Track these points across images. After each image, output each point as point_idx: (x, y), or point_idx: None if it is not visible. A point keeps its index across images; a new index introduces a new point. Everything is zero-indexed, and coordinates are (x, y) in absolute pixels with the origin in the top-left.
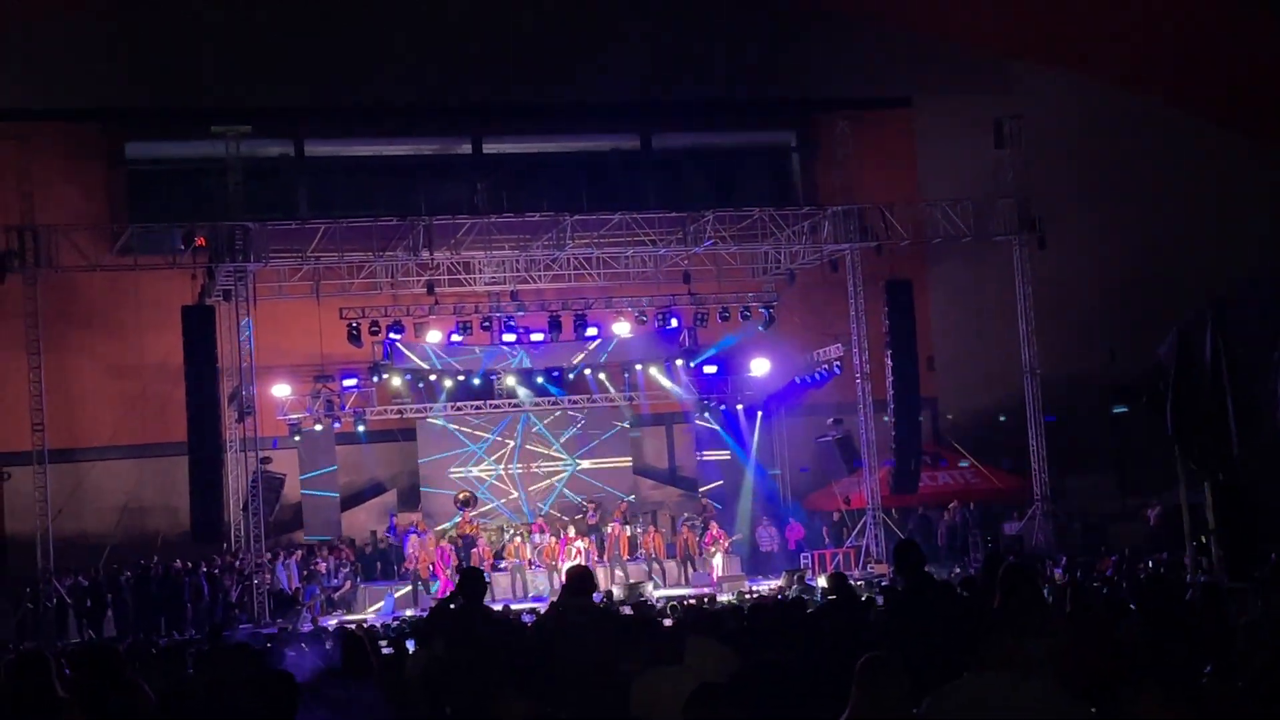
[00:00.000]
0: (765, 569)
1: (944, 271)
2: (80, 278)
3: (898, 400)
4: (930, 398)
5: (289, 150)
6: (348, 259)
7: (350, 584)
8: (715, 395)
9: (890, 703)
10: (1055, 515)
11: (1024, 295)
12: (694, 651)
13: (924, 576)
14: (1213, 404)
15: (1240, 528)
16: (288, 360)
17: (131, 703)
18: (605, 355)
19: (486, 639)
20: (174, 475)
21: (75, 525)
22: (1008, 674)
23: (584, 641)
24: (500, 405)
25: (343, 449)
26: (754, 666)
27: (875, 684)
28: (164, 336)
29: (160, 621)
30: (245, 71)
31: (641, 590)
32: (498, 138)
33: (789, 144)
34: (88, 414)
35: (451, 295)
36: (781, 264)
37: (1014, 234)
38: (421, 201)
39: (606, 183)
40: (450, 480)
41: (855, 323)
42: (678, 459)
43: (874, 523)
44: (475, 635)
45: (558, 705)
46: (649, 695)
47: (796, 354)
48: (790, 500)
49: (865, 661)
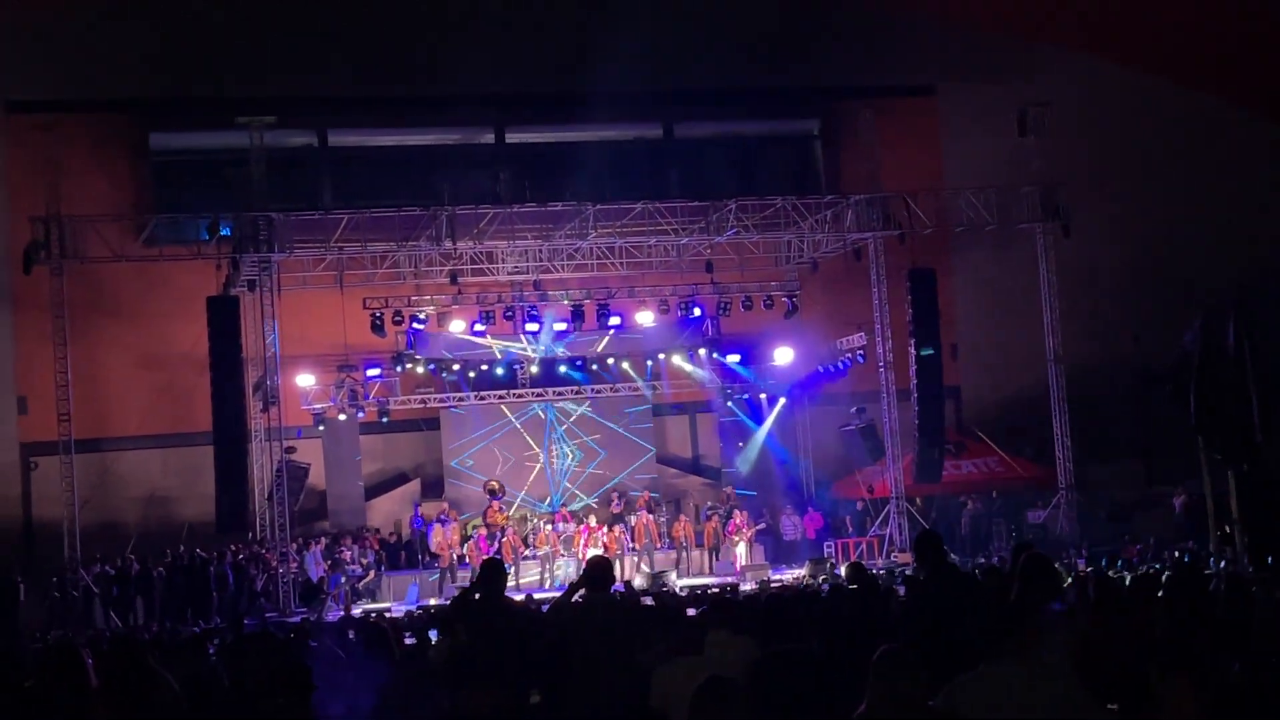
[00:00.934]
0: (789, 558)
1: (967, 259)
2: (106, 268)
3: (921, 389)
4: (953, 386)
5: (313, 141)
6: (371, 249)
7: (374, 573)
8: (738, 384)
9: (907, 695)
10: (1080, 504)
11: (1047, 283)
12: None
13: (944, 566)
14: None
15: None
16: (312, 350)
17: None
18: (628, 344)
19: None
20: (199, 465)
21: (102, 514)
22: (1025, 665)
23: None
24: (523, 394)
25: (366, 438)
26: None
27: (892, 676)
28: (189, 327)
29: (186, 611)
30: (270, 62)
31: (664, 579)
32: (520, 127)
33: (812, 132)
34: (114, 404)
35: (474, 285)
36: (804, 252)
37: (1038, 222)
38: (444, 191)
39: (629, 172)
40: (474, 470)
41: (878, 311)
42: (701, 448)
43: (897, 511)
44: (497, 625)
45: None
46: (668, 687)
47: (819, 343)
48: (813, 489)
49: (882, 653)
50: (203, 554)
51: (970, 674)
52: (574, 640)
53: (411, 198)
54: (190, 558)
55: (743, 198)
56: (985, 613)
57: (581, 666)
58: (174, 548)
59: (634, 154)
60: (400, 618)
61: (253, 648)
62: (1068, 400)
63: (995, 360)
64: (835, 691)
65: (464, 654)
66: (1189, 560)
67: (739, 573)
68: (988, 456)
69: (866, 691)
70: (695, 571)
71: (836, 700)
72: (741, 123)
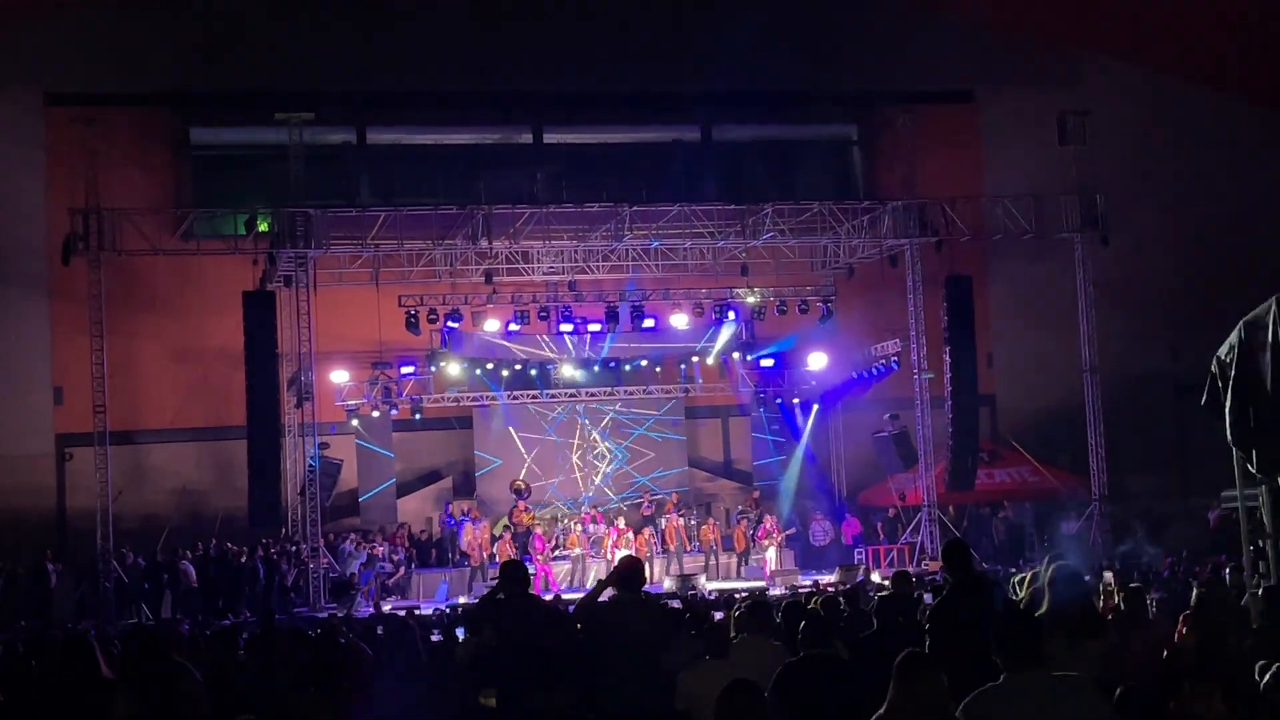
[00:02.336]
0: (819, 563)
1: (1005, 268)
2: (144, 261)
3: (955, 397)
4: (988, 394)
5: (351, 138)
6: (407, 247)
7: (404, 570)
8: (772, 389)
9: (928, 700)
10: (1114, 515)
11: (1085, 292)
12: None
13: (971, 575)
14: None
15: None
16: (346, 346)
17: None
18: (662, 346)
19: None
20: (233, 459)
21: (135, 507)
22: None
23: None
24: (557, 395)
25: (399, 436)
26: (799, 661)
27: (913, 680)
28: (225, 321)
29: (217, 603)
30: (310, 58)
31: (693, 583)
32: (558, 127)
33: (850, 137)
34: (149, 397)
35: (509, 284)
36: (840, 258)
37: (1076, 231)
38: (481, 190)
39: (666, 174)
40: (505, 469)
41: (913, 318)
42: (733, 452)
43: (929, 519)
44: (523, 624)
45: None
46: (694, 689)
47: (854, 349)
48: (845, 495)
49: (904, 658)
50: (234, 548)
51: (996, 684)
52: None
53: (448, 196)
54: (222, 551)
55: (780, 202)
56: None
57: (608, 667)
58: (206, 541)
59: (671, 156)
60: (429, 615)
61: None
62: (1103, 411)
63: (1031, 369)
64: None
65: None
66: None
67: (769, 577)
68: (1021, 466)
69: (888, 694)
70: (724, 575)
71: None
72: (780, 126)
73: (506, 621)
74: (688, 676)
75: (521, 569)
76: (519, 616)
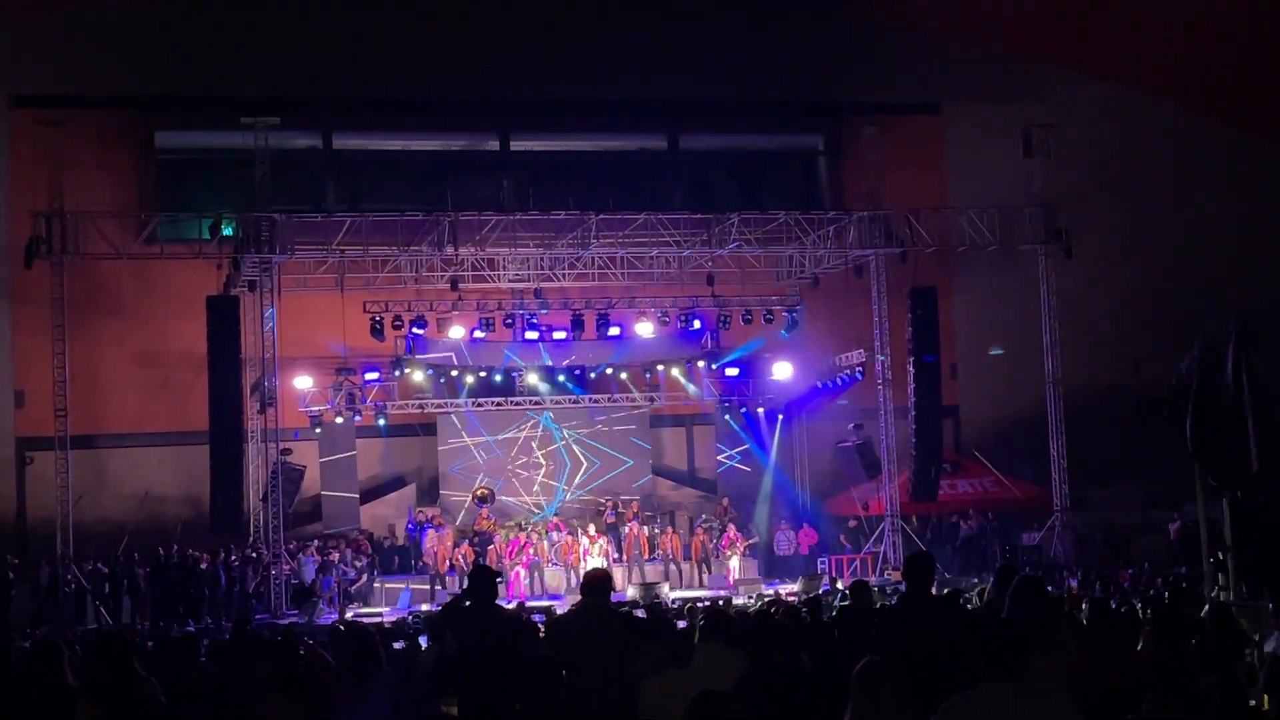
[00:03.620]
0: (782, 573)
1: (969, 279)
2: (107, 265)
3: (919, 407)
4: (952, 406)
5: (317, 143)
6: (373, 253)
7: (366, 578)
8: (736, 398)
9: (889, 708)
10: (1076, 526)
11: (1048, 305)
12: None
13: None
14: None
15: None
16: (310, 352)
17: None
18: (627, 355)
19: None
20: (195, 464)
21: (96, 511)
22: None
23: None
24: (521, 402)
25: (363, 442)
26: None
27: (874, 688)
28: (188, 326)
29: (177, 610)
30: (276, 63)
31: (657, 592)
32: (525, 135)
33: (816, 148)
34: (111, 401)
35: (475, 291)
36: (806, 268)
37: (1040, 243)
38: (447, 197)
39: (632, 183)
40: (469, 476)
41: (878, 328)
42: (697, 461)
43: (892, 530)
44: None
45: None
46: (657, 698)
47: (818, 358)
48: (808, 504)
49: (864, 666)
50: (195, 554)
51: (964, 694)
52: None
53: (414, 202)
54: (182, 557)
55: (745, 211)
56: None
57: (571, 675)
58: (167, 546)
59: (638, 165)
60: (391, 623)
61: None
62: (1066, 423)
63: (994, 381)
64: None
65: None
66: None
67: (732, 586)
68: (984, 477)
69: (849, 704)
70: (687, 584)
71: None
72: (746, 136)
73: (468, 629)
74: (650, 685)
75: (490, 575)
76: (481, 625)
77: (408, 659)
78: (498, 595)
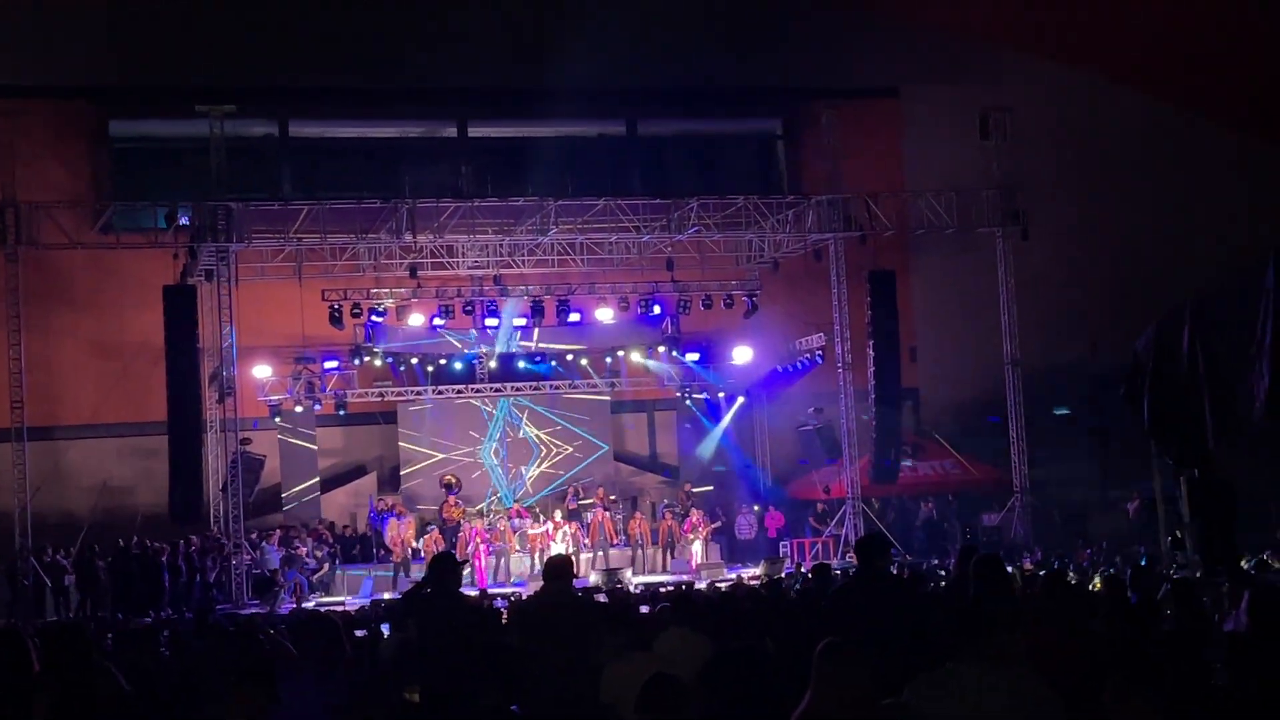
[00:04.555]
0: (745, 557)
1: (927, 262)
2: (63, 255)
3: (879, 390)
4: (911, 388)
5: (273, 130)
6: (331, 240)
7: (328, 567)
8: (697, 382)
9: (851, 687)
10: (1035, 507)
11: (1006, 286)
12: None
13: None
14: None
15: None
16: (269, 341)
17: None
18: (587, 341)
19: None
20: (154, 455)
21: (54, 503)
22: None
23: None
24: (482, 389)
25: (323, 431)
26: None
27: (834, 668)
28: (145, 316)
29: (138, 601)
30: (231, 51)
31: (619, 577)
32: (483, 121)
33: (775, 132)
34: (68, 392)
35: (434, 279)
36: (765, 252)
37: (997, 225)
38: (405, 184)
39: (591, 168)
40: (431, 464)
41: (838, 312)
42: (659, 446)
43: (853, 512)
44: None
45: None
46: (619, 682)
47: (779, 343)
48: (770, 488)
49: (824, 647)
50: (156, 544)
51: (931, 673)
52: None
53: (372, 190)
54: (142, 548)
55: (704, 196)
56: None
57: (532, 662)
58: (127, 538)
59: (597, 150)
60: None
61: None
62: (1024, 404)
63: (953, 363)
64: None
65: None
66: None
67: (694, 571)
68: (944, 459)
69: (810, 686)
70: (650, 569)
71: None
72: (705, 121)
73: (430, 617)
74: (612, 670)
75: (452, 562)
76: (442, 613)
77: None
78: (459, 582)
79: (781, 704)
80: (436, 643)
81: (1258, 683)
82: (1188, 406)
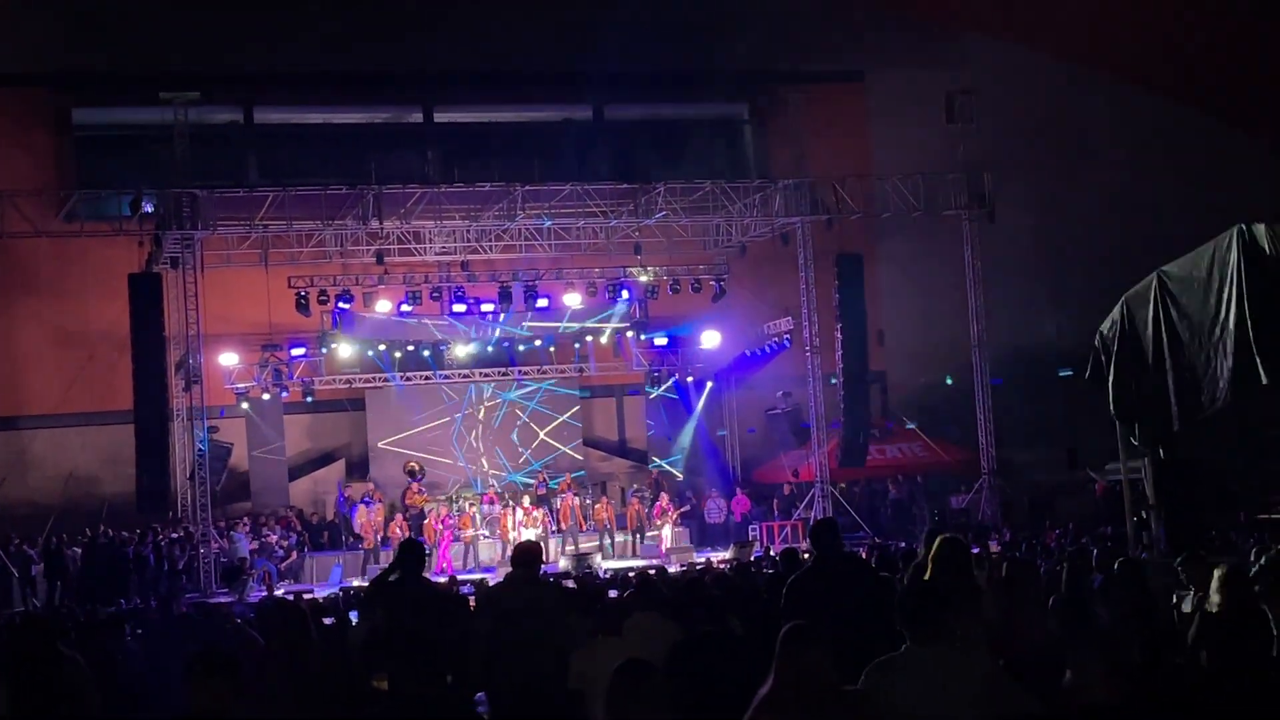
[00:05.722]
0: (714, 541)
1: (894, 245)
2: (27, 244)
3: (847, 373)
4: (879, 371)
5: (238, 117)
6: (297, 227)
7: (297, 554)
8: (666, 367)
9: (813, 671)
10: (1002, 489)
11: (973, 269)
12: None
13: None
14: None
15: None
16: (235, 329)
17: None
18: (556, 326)
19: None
20: (120, 444)
21: (19, 493)
22: (946, 648)
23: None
24: (450, 375)
25: (291, 418)
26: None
27: (797, 650)
28: (111, 304)
29: (105, 591)
30: (195, 38)
31: (589, 562)
32: (449, 107)
33: (741, 116)
34: (33, 381)
35: (401, 265)
36: (732, 236)
37: (964, 209)
38: (372, 170)
39: (558, 153)
40: (399, 451)
41: (805, 296)
42: (627, 430)
43: (822, 495)
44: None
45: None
46: (588, 668)
47: (747, 326)
48: (739, 472)
49: (787, 630)
50: (124, 534)
51: (897, 654)
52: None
53: (338, 176)
54: (109, 537)
55: (671, 181)
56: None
57: (500, 647)
58: (94, 527)
59: (563, 135)
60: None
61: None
62: (991, 386)
63: (921, 346)
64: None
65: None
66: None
67: (664, 555)
68: (912, 441)
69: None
70: (620, 554)
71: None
72: (671, 105)
73: (397, 604)
74: (581, 656)
75: (418, 549)
76: (410, 600)
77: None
78: (425, 569)
79: (749, 686)
80: (403, 630)
81: (1230, 659)
82: (1153, 388)
